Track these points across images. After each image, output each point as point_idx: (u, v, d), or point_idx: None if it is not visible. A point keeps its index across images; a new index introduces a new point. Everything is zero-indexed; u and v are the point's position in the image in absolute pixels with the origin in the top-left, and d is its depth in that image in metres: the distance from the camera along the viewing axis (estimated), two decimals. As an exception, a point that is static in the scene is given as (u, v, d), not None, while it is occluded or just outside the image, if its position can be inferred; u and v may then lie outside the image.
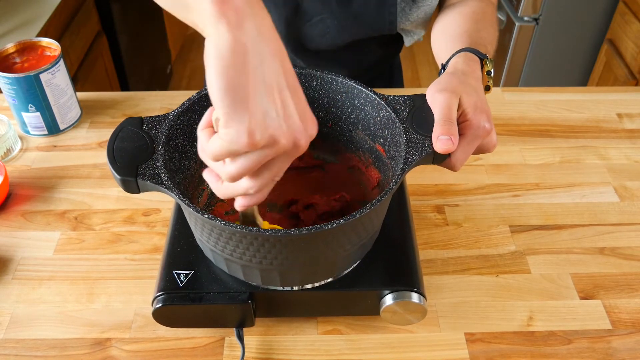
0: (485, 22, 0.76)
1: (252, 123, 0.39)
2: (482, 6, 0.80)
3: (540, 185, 0.84)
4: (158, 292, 0.59)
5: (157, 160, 0.54)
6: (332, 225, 0.49)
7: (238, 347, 0.64)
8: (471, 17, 0.77)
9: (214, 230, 0.52)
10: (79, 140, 0.91)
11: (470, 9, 0.79)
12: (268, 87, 0.40)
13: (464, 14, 0.78)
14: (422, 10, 0.86)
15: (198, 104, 0.62)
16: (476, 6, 0.80)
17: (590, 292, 0.70)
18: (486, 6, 0.80)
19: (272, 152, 0.41)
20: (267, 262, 0.53)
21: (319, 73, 0.64)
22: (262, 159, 0.41)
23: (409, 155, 0.56)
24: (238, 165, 0.42)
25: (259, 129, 0.39)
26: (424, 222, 0.78)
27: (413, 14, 0.86)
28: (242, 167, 0.42)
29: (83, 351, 0.63)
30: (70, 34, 1.68)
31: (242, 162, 0.42)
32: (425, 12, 0.86)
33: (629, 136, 0.92)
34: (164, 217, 0.78)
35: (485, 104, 0.59)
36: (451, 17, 0.80)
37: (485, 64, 0.67)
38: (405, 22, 0.88)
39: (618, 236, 0.76)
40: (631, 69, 1.84)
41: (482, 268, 0.72)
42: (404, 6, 0.86)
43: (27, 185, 0.82)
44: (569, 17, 2.02)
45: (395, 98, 0.61)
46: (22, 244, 0.74)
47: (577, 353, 0.64)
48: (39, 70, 0.83)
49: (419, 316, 0.61)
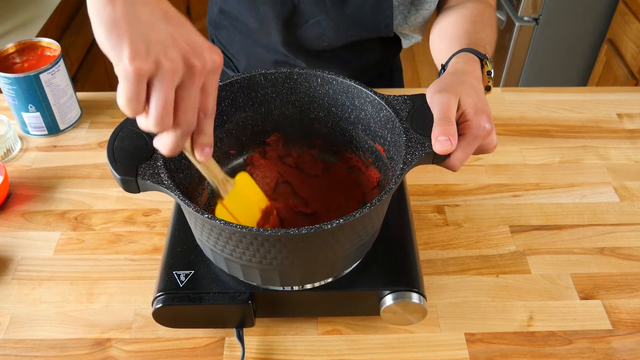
0: (483, 24, 0.76)
1: (132, 51, 0.41)
2: (480, 8, 0.80)
3: (540, 185, 0.84)
4: (158, 293, 0.59)
5: (157, 160, 0.54)
6: (332, 225, 0.49)
7: (238, 347, 0.64)
8: (470, 18, 0.77)
9: (214, 230, 0.52)
10: (79, 140, 0.91)
11: (469, 11, 0.79)
12: (145, 22, 0.42)
13: (463, 15, 0.78)
14: (421, 14, 0.86)
15: (198, 104, 0.62)
16: (475, 8, 0.80)
17: (590, 292, 0.70)
18: (485, 8, 0.80)
19: (165, 76, 0.42)
20: (266, 262, 0.53)
21: (319, 73, 0.64)
22: (158, 83, 0.42)
23: (409, 155, 0.56)
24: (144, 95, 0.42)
25: (139, 56, 0.41)
26: (424, 222, 0.78)
27: (411, 17, 0.87)
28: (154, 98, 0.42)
29: (83, 351, 0.63)
30: (70, 34, 1.68)
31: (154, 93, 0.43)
32: (424, 16, 0.86)
33: (629, 136, 0.92)
34: (164, 217, 0.78)
35: (485, 105, 0.59)
36: (450, 18, 0.80)
37: (485, 64, 0.67)
38: (403, 26, 0.88)
39: (618, 236, 0.76)
40: (631, 69, 1.84)
41: (482, 268, 0.72)
42: (402, 9, 0.86)
43: (27, 185, 0.82)
44: (569, 17, 2.02)
45: (395, 98, 0.61)
46: (22, 244, 0.74)
47: (577, 353, 0.64)
48: (39, 70, 0.83)
49: (419, 316, 0.61)
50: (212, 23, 1.03)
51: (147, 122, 0.44)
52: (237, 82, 0.64)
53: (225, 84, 0.63)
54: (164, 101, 0.43)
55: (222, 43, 1.02)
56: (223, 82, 0.63)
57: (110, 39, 0.41)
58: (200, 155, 0.49)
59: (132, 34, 0.41)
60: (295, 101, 0.67)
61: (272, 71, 0.64)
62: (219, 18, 0.99)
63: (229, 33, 0.99)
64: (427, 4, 0.84)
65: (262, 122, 0.69)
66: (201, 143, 0.49)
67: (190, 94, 0.44)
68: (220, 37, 1.02)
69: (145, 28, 0.42)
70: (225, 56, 1.03)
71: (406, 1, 0.85)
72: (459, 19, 0.78)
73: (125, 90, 0.42)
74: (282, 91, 0.66)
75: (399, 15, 0.87)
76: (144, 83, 0.42)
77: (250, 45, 0.96)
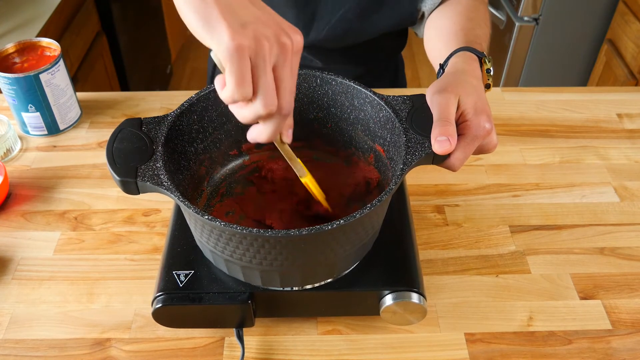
0: (479, 20, 0.76)
1: (231, 30, 0.41)
2: (475, 4, 0.79)
3: (540, 185, 0.84)
4: (158, 293, 0.59)
5: (156, 161, 0.54)
6: (332, 226, 0.49)
7: (238, 347, 0.64)
8: (465, 14, 0.77)
9: (214, 232, 0.52)
10: (79, 140, 0.91)
11: (463, 7, 0.79)
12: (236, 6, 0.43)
13: (458, 11, 0.78)
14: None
15: (197, 105, 0.62)
16: (468, 3, 0.79)
17: (590, 292, 0.70)
18: (479, 3, 0.80)
19: (265, 53, 0.42)
20: (267, 263, 0.53)
21: (318, 73, 0.64)
22: (261, 62, 0.42)
23: (409, 156, 0.56)
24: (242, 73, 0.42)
25: (239, 33, 0.41)
26: (424, 222, 0.78)
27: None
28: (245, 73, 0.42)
29: (83, 351, 0.63)
30: (70, 34, 1.68)
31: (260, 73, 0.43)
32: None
33: (629, 136, 0.92)
34: (164, 218, 0.78)
35: (485, 104, 0.59)
36: (445, 14, 0.80)
37: (484, 62, 0.67)
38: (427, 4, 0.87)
39: (618, 236, 0.76)
40: (631, 69, 1.84)
41: (482, 268, 0.72)
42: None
43: (27, 185, 0.82)
44: (569, 17, 2.02)
45: (394, 98, 0.61)
46: (22, 244, 0.74)
47: (577, 353, 0.64)
48: (39, 70, 0.83)
49: (419, 316, 0.61)
50: None
51: (253, 107, 0.44)
52: (237, 82, 0.64)
53: (225, 84, 0.63)
54: (270, 80, 0.43)
55: None
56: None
57: (207, 25, 0.42)
58: (286, 137, 0.50)
59: (226, 16, 0.42)
60: (294, 102, 0.67)
61: (271, 71, 0.64)
62: None
63: None
64: None
65: (262, 122, 0.69)
66: (288, 125, 0.50)
67: (286, 74, 0.45)
68: None
69: (238, 10, 0.43)
70: None
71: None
72: (455, 14, 0.78)
73: (233, 71, 0.42)
74: (282, 91, 0.66)
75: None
76: (248, 61, 0.42)
77: None
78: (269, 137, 0.47)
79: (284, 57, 0.44)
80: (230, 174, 0.69)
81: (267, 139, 0.47)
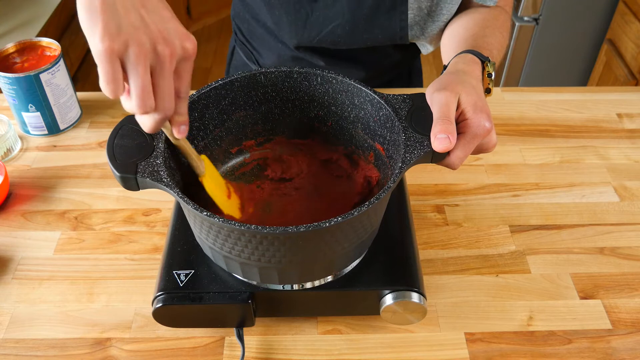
0: (494, 29, 0.76)
1: (103, 31, 0.44)
2: (495, 14, 0.80)
3: (540, 185, 0.84)
4: (158, 292, 0.59)
5: (156, 158, 0.54)
6: (330, 223, 0.49)
7: (238, 347, 0.64)
8: (481, 23, 0.77)
9: (213, 228, 0.52)
10: (79, 140, 0.91)
11: (482, 15, 0.79)
12: (119, 8, 0.45)
13: (474, 19, 0.79)
14: (437, 25, 0.85)
15: (198, 102, 0.62)
16: (488, 13, 0.80)
17: (590, 292, 0.70)
18: (499, 14, 0.80)
19: (134, 57, 0.45)
20: (265, 260, 0.53)
21: (319, 72, 0.65)
22: (131, 66, 0.45)
23: (408, 154, 0.56)
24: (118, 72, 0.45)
25: (110, 36, 0.44)
26: (424, 222, 0.78)
27: (428, 28, 0.87)
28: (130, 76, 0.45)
29: (83, 351, 0.63)
30: (70, 34, 1.68)
31: (130, 75, 0.45)
32: (440, 27, 0.86)
33: (629, 136, 0.92)
34: (164, 217, 0.78)
35: (485, 104, 0.59)
36: (462, 21, 0.80)
37: (486, 66, 0.67)
38: (420, 37, 0.88)
39: (618, 236, 0.76)
40: (631, 69, 1.84)
41: (482, 268, 0.72)
42: (419, 20, 0.86)
43: (27, 185, 0.82)
44: (569, 17, 2.02)
45: (394, 97, 0.61)
46: (22, 244, 0.74)
47: (577, 353, 0.64)
48: (39, 70, 0.83)
49: (419, 316, 0.61)
50: (235, 15, 1.04)
51: (130, 104, 0.47)
52: (237, 81, 0.64)
53: (225, 82, 0.63)
54: (140, 83, 0.46)
55: (245, 35, 1.03)
56: (223, 80, 0.63)
57: (87, 22, 0.45)
58: (177, 133, 0.53)
59: (105, 17, 0.44)
60: (295, 100, 0.67)
61: (272, 70, 0.65)
62: (241, 11, 1.01)
63: (250, 27, 1.00)
64: (443, 15, 0.84)
65: (262, 120, 0.69)
66: (177, 122, 0.52)
67: (163, 80, 0.47)
68: (243, 30, 1.03)
69: (119, 13, 0.45)
70: (247, 49, 1.04)
71: (422, 12, 0.85)
72: (470, 22, 0.79)
73: (101, 70, 0.45)
74: (282, 90, 0.66)
75: (415, 26, 0.86)
76: (117, 63, 0.45)
77: (270, 40, 0.96)
78: (149, 129, 0.50)
79: (160, 63, 0.47)
80: (231, 172, 0.69)
81: (147, 130, 0.50)
